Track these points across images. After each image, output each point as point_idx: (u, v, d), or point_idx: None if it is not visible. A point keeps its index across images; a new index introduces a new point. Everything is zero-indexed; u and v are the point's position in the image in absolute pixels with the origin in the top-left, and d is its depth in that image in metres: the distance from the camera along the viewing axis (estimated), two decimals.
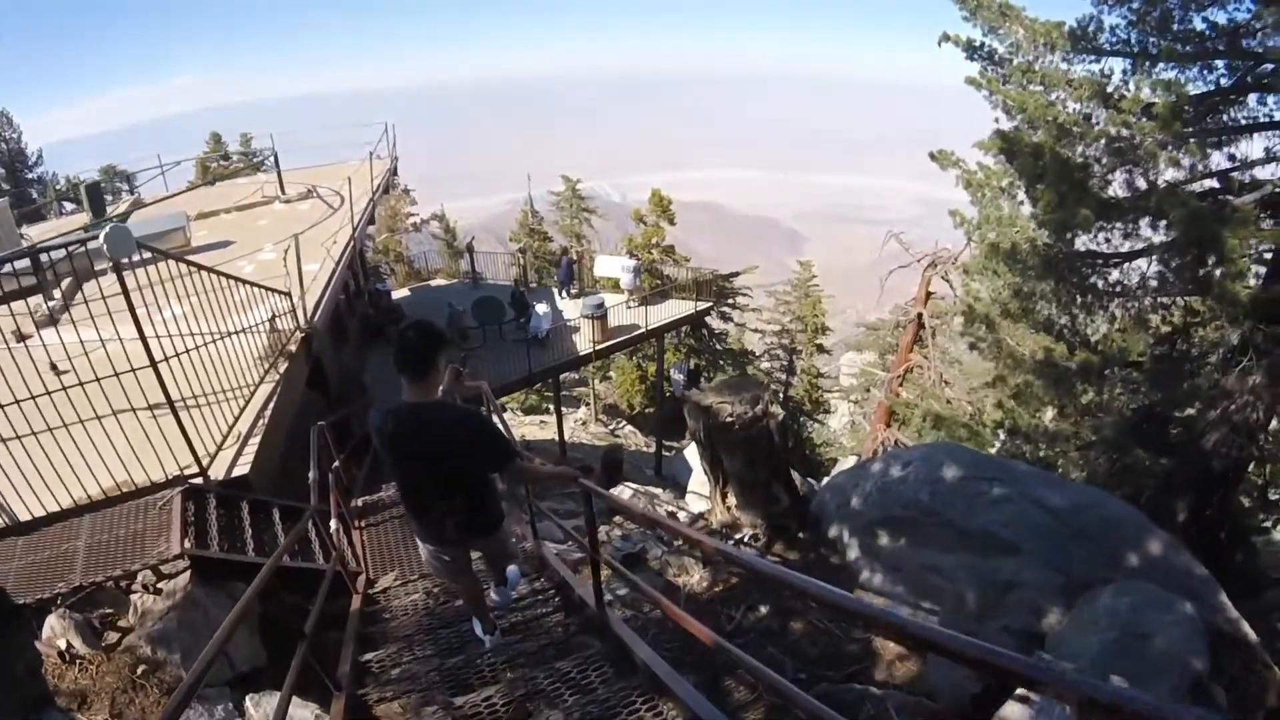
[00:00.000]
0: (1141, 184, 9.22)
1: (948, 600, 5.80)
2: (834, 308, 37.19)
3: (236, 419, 6.57)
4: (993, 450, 11.70)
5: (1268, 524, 11.44)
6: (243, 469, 6.28)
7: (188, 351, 6.02)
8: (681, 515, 9.75)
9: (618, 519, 10.31)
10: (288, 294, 8.48)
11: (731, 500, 6.82)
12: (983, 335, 9.74)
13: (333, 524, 4.81)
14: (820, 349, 36.86)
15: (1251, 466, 10.46)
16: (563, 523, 5.96)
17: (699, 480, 10.55)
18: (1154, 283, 9.51)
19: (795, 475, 8.51)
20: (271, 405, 7.05)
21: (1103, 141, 9.33)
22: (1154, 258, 9.26)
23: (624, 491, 10.85)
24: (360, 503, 7.29)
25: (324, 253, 11.20)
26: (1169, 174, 9.28)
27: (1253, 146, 9.41)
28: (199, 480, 5.93)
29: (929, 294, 22.67)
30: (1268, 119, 9.27)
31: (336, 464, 6.52)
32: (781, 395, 36.40)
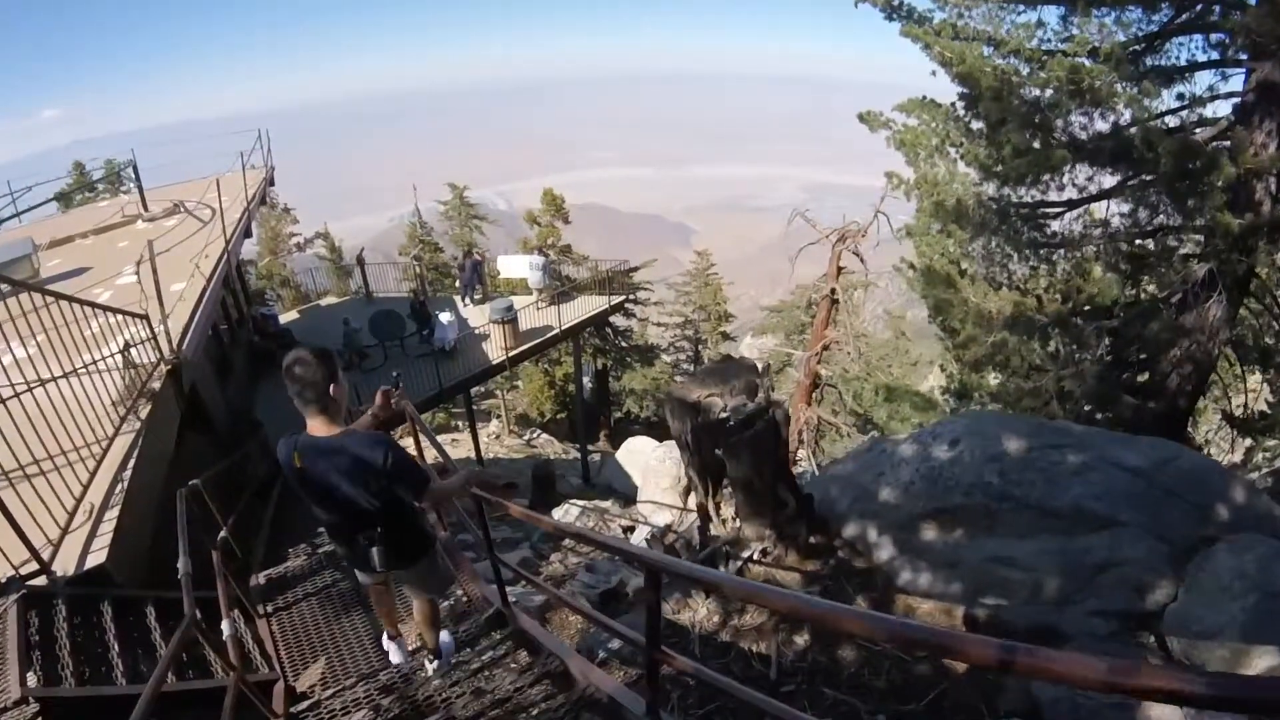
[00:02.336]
0: (1100, 126, 8.77)
1: (1019, 592, 4.82)
2: (729, 295, 37.09)
3: (86, 487, 4.79)
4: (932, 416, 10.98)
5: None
6: (99, 556, 4.53)
7: (5, 401, 4.42)
8: (641, 530, 8.51)
9: (570, 544, 9.11)
10: (145, 317, 6.55)
11: (727, 511, 5.65)
12: (946, 296, 9.02)
13: (225, 627, 3.31)
14: (725, 336, 36.80)
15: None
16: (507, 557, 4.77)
17: (656, 486, 9.34)
18: (1121, 225, 9.09)
19: None
20: (133, 462, 5.36)
21: (1052, 87, 8.82)
22: (1126, 197, 8.83)
23: (569, 511, 9.51)
24: (263, 579, 5.40)
25: (193, 269, 9.39)
26: (1127, 115, 8.94)
27: (1196, 85, 9.27)
28: (41, 580, 4.33)
29: (840, 269, 22.23)
30: (1208, 59, 9.04)
31: (225, 533, 4.96)
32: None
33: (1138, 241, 9.61)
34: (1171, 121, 9.33)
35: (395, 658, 4.39)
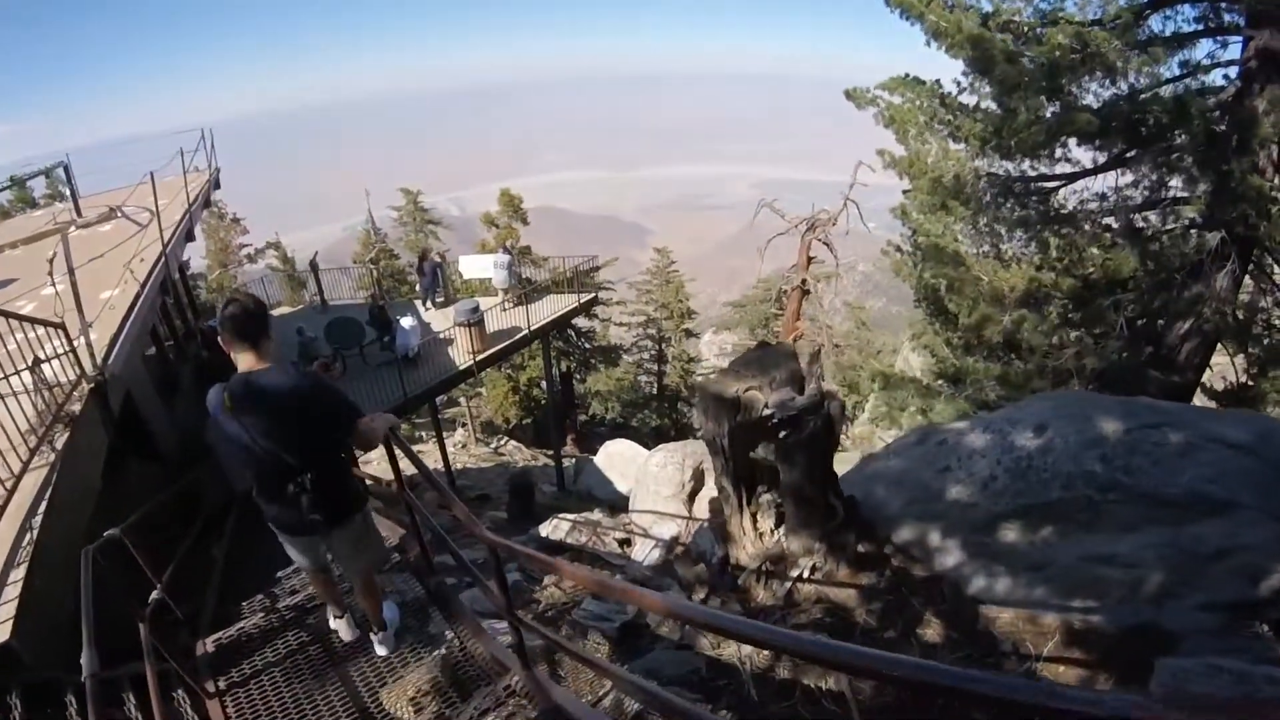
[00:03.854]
0: (1110, 92, 8.22)
1: (1114, 591, 4.11)
2: (688, 292, 36.62)
3: None
4: (947, 406, 10.32)
5: None
6: (2, 631, 3.52)
7: None
8: (644, 545, 7.61)
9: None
10: (60, 325, 5.35)
11: (765, 523, 4.79)
12: (956, 274, 8.37)
13: None
14: (689, 334, 36.37)
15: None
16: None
17: (654, 494, 8.48)
18: (1127, 196, 8.55)
19: None
20: (44, 506, 4.36)
21: (1056, 54, 8.26)
22: (1135, 166, 8.30)
23: (558, 525, 8.57)
24: (212, 645, 4.23)
25: (126, 275, 8.26)
26: (1131, 82, 8.46)
27: (1196, 53, 8.91)
28: None
29: (810, 259, 21.67)
30: (1211, 25, 8.64)
31: (158, 593, 3.85)
32: (656, 386, 35.37)
33: (1145, 213, 9.17)
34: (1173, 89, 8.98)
35: (346, 635, 4.21)
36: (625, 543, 8.02)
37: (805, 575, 4.56)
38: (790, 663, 3.94)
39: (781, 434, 4.13)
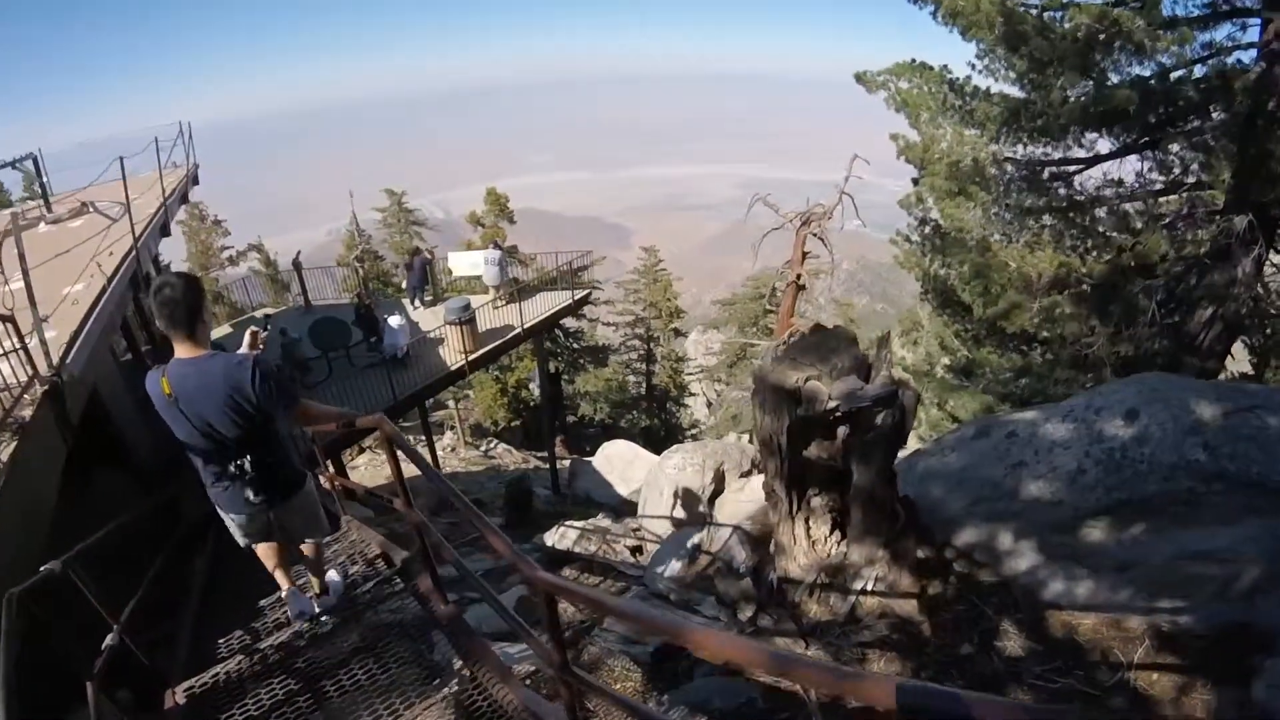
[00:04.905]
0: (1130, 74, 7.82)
1: (1204, 588, 3.65)
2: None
3: None
4: (971, 400, 9.82)
5: None
6: None
7: None
8: (675, 562, 6.88)
9: (574, 573, 7.52)
10: (9, 319, 4.67)
11: (819, 530, 4.15)
12: (980, 261, 7.88)
13: None
14: (678, 333, 35.95)
15: None
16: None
17: (663, 498, 7.79)
18: (1156, 181, 8.13)
19: None
20: None
21: (1080, 32, 7.81)
22: (1163, 148, 7.85)
23: (565, 534, 7.91)
24: (183, 696, 3.52)
25: (94, 268, 7.53)
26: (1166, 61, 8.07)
27: (1218, 33, 8.58)
28: None
29: (805, 254, 21.15)
30: (1229, 6, 8.27)
31: (115, 634, 3.15)
32: (645, 386, 34.84)
33: (1168, 197, 8.76)
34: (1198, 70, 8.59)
35: (298, 607, 4.17)
36: (636, 550, 7.40)
37: (868, 587, 3.98)
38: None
39: (842, 428, 3.57)
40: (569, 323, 30.41)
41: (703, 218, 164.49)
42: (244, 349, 3.59)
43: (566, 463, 20.34)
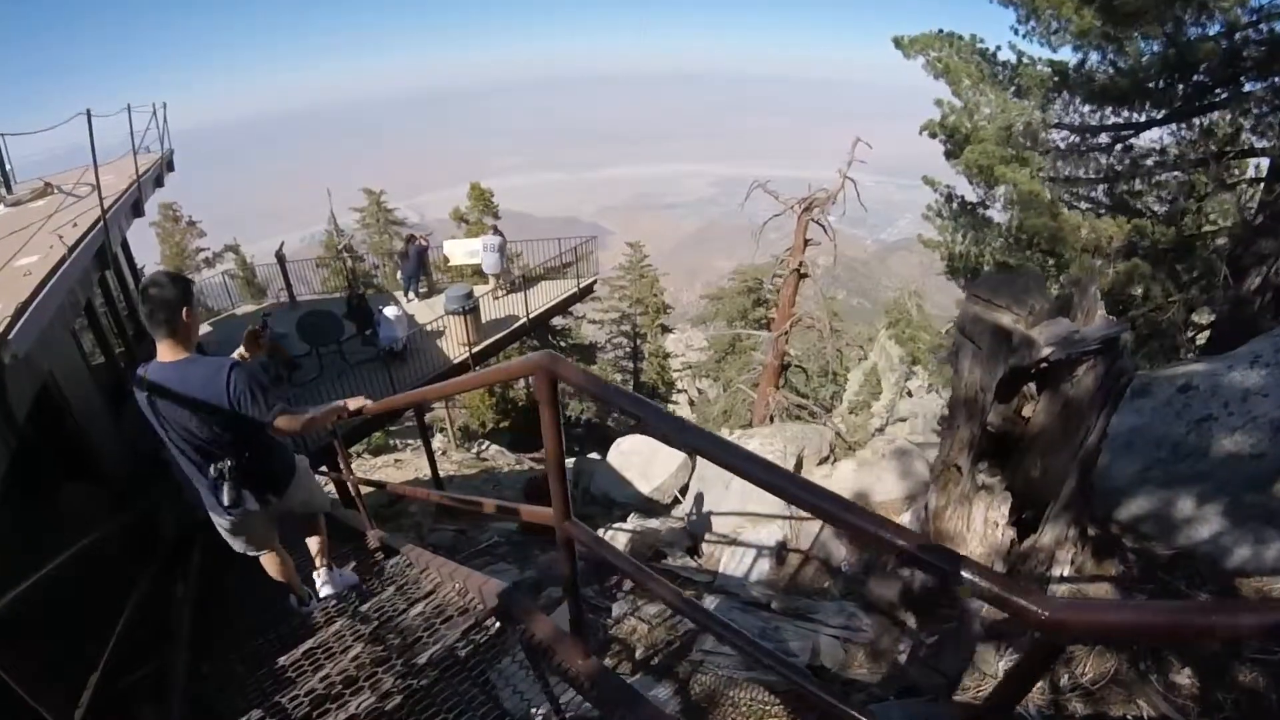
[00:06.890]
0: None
1: None
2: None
3: None
4: None
5: None
6: None
7: None
8: (732, 554, 5.98)
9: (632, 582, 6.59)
10: None
11: (996, 512, 3.36)
12: (1053, 225, 7.28)
13: None
14: (665, 329, 35.54)
15: None
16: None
17: (729, 491, 6.78)
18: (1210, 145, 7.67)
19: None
20: None
21: None
22: (1233, 108, 7.35)
23: (614, 537, 7.02)
24: None
25: (57, 241, 6.61)
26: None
27: None
28: None
29: (806, 241, 20.58)
30: None
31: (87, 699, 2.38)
32: (632, 383, 34.18)
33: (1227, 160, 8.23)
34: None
35: (342, 583, 4.26)
36: (692, 551, 6.57)
37: (1064, 573, 3.27)
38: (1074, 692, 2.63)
39: (1042, 382, 2.86)
40: (555, 320, 29.77)
41: (677, 216, 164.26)
42: (241, 351, 3.48)
43: (569, 462, 19.51)
